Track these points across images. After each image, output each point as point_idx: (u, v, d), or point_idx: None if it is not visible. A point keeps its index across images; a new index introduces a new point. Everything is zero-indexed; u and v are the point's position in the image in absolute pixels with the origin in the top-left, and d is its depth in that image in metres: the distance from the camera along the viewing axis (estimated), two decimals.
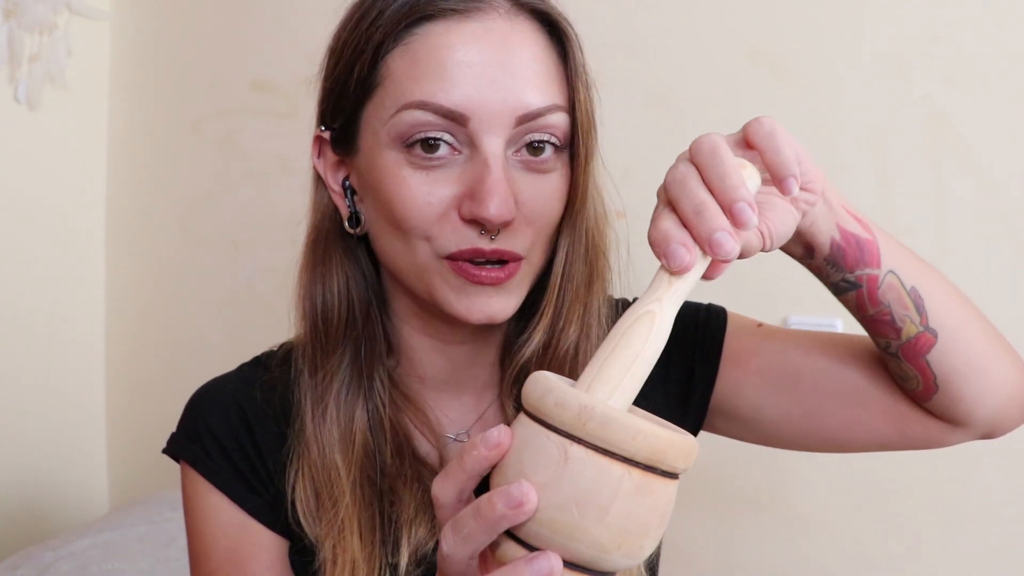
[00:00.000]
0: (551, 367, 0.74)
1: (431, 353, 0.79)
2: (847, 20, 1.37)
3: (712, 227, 0.49)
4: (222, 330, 1.81)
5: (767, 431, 0.81)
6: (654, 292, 0.51)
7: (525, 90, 0.67)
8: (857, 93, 1.37)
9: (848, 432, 0.77)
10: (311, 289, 0.77)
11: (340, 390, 0.75)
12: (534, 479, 0.47)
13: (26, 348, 1.72)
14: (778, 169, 0.54)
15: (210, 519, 0.76)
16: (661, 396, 0.79)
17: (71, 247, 1.82)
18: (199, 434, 0.77)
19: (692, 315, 0.83)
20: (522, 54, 0.68)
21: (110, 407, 1.91)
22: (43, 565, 1.34)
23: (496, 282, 0.69)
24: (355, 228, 0.75)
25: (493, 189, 0.65)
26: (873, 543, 1.38)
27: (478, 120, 0.66)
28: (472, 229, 0.68)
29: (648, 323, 0.50)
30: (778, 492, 1.41)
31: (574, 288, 0.74)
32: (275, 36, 1.74)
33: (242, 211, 1.79)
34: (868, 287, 0.67)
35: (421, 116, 0.66)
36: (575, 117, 0.70)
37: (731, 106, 1.43)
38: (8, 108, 1.66)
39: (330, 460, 0.74)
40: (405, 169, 0.68)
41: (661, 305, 0.51)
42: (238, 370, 0.82)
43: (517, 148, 0.69)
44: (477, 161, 0.67)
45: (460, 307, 0.69)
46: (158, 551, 1.41)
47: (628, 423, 0.46)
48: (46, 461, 1.77)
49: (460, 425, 0.80)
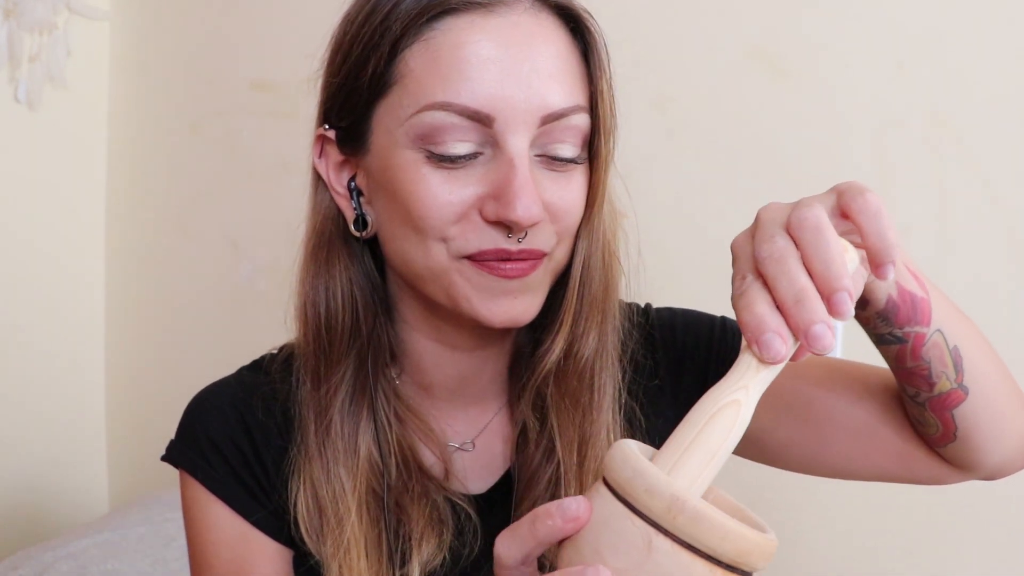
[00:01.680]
0: (571, 378, 0.73)
1: (438, 360, 0.76)
2: (847, 20, 1.37)
3: (812, 319, 0.46)
4: (222, 330, 1.81)
5: (771, 454, 0.79)
6: (740, 378, 0.48)
7: (550, 89, 0.65)
8: (857, 93, 1.37)
9: (853, 464, 0.76)
10: (314, 296, 0.73)
11: (344, 402, 0.72)
12: (612, 563, 0.45)
13: (26, 348, 1.72)
14: (880, 256, 0.50)
15: (212, 529, 0.74)
16: (672, 408, 0.78)
17: (71, 246, 1.82)
18: (199, 442, 0.75)
19: (707, 327, 0.81)
20: (547, 51, 0.65)
21: (110, 407, 1.91)
22: (43, 565, 1.34)
23: (523, 274, 0.66)
24: (361, 231, 0.71)
25: (521, 191, 0.63)
26: (872, 544, 1.38)
27: (503, 120, 0.64)
28: (497, 231, 0.65)
29: (732, 414, 0.47)
30: (779, 491, 1.41)
31: (592, 292, 0.72)
32: (275, 36, 1.74)
33: (242, 211, 1.79)
34: (914, 344, 0.64)
35: (444, 118, 0.64)
36: (596, 117, 0.68)
37: (731, 106, 1.43)
38: (8, 108, 1.66)
39: (334, 475, 0.71)
40: (424, 168, 0.65)
41: (747, 394, 0.48)
42: (237, 375, 0.80)
43: (539, 148, 0.66)
44: (501, 161, 0.65)
45: (483, 309, 0.67)
46: (158, 551, 1.41)
47: (719, 522, 0.45)
48: (46, 461, 1.77)
49: (464, 435, 0.78)
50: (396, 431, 0.74)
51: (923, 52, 1.34)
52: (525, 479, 0.74)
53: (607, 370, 0.74)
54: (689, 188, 1.46)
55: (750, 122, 1.42)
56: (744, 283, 0.49)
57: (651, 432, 0.76)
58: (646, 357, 0.79)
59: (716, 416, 0.48)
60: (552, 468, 0.73)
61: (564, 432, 0.73)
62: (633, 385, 0.76)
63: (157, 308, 1.87)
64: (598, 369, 0.73)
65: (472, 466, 0.77)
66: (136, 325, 1.88)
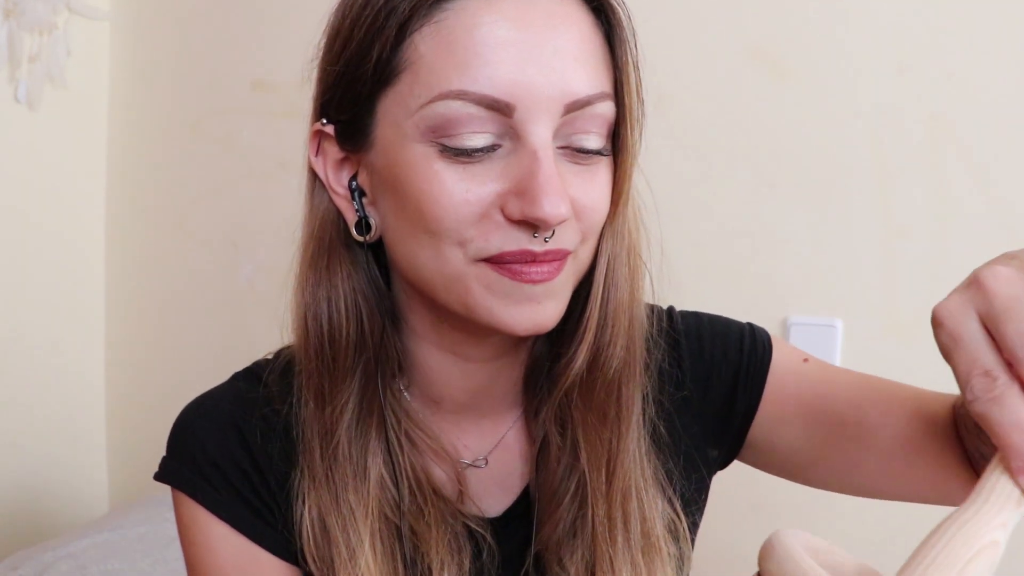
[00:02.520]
0: (597, 390, 0.67)
1: (449, 372, 0.70)
2: (847, 20, 1.37)
3: None
4: (222, 330, 1.81)
5: (798, 471, 0.75)
6: (998, 514, 0.40)
7: (574, 74, 0.59)
8: (857, 93, 1.37)
9: (883, 487, 0.71)
10: (315, 307, 0.67)
11: (351, 423, 0.67)
12: None
13: (26, 348, 1.72)
14: None
15: (216, 552, 0.68)
16: (697, 425, 0.74)
17: (71, 247, 1.82)
18: (194, 459, 0.69)
19: (736, 336, 0.76)
20: (569, 34, 0.59)
21: (110, 407, 1.91)
22: (43, 565, 1.34)
23: (549, 277, 0.60)
24: (364, 235, 0.65)
25: (547, 185, 0.57)
26: (874, 542, 1.38)
27: (524, 108, 0.58)
28: (522, 230, 0.59)
29: (990, 558, 0.40)
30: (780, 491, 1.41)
31: (618, 296, 0.66)
32: (275, 36, 1.74)
33: (242, 211, 1.78)
34: None
35: (460, 108, 0.58)
36: (621, 105, 0.63)
37: (731, 106, 1.43)
38: (8, 108, 1.65)
39: (343, 501, 0.65)
40: (437, 163, 0.59)
41: (1006, 531, 0.40)
42: (231, 385, 0.73)
43: (563, 139, 0.61)
44: (523, 154, 0.59)
45: (505, 316, 0.61)
46: (158, 551, 1.41)
47: None
48: (46, 461, 1.77)
49: (477, 450, 0.72)
50: (407, 449, 0.68)
51: (923, 53, 1.34)
52: (547, 498, 0.70)
53: (634, 380, 0.69)
54: (689, 188, 1.46)
55: (750, 122, 1.42)
56: (995, 385, 0.40)
57: (675, 450, 0.73)
58: (672, 367, 0.74)
59: (973, 562, 0.40)
60: (577, 486, 0.68)
61: (590, 448, 0.68)
62: (659, 397, 0.72)
63: (157, 308, 1.87)
64: (625, 380, 0.68)
65: (486, 484, 0.72)
66: (136, 325, 1.88)
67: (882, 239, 1.37)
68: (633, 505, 0.68)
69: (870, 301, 1.39)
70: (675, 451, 0.73)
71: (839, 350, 1.40)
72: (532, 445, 0.72)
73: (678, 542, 0.71)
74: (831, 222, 1.39)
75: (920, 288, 1.36)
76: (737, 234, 1.45)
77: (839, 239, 1.39)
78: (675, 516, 0.71)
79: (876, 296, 1.39)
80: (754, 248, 1.44)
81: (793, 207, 1.41)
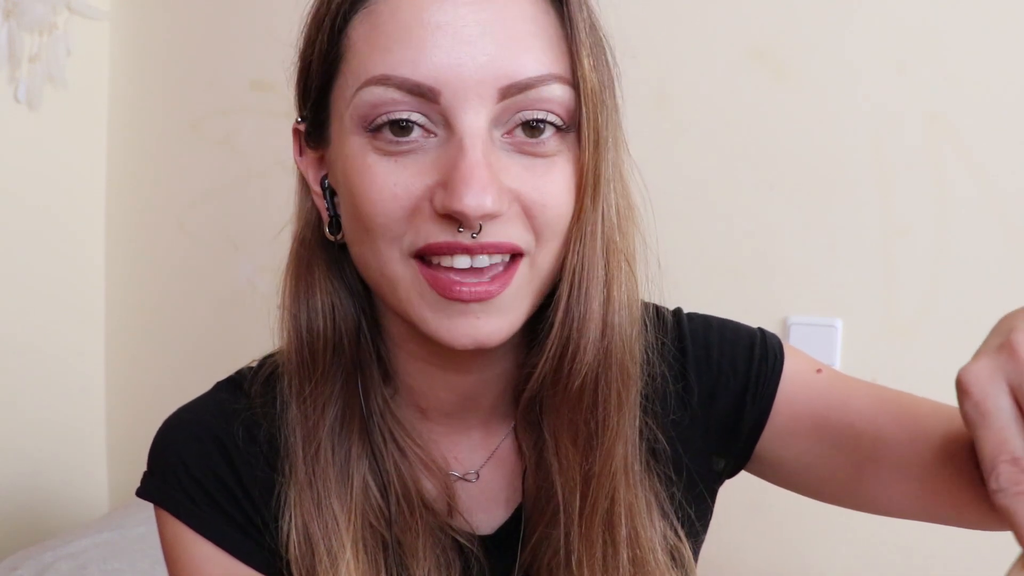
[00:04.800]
0: (560, 407, 0.63)
1: (430, 382, 0.66)
2: (847, 20, 1.37)
3: None
4: (222, 330, 1.81)
5: (808, 486, 0.71)
6: None
7: (512, 55, 0.55)
8: (857, 93, 1.37)
9: (896, 505, 0.66)
10: (294, 309, 0.65)
11: (333, 426, 0.64)
12: None
13: (26, 347, 1.72)
14: None
15: (201, 570, 0.66)
16: (702, 440, 0.70)
17: (71, 247, 1.82)
18: (176, 475, 0.66)
19: (747, 344, 0.70)
20: (509, 12, 0.56)
21: (110, 407, 1.91)
22: (43, 565, 1.34)
23: (482, 298, 0.56)
24: (336, 235, 0.63)
25: (469, 176, 0.53)
26: (873, 543, 1.38)
27: (452, 94, 0.54)
28: (449, 225, 0.55)
29: None
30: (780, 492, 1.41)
31: (587, 303, 0.60)
32: (275, 36, 1.73)
33: (242, 211, 1.78)
34: None
35: (383, 93, 0.55)
36: (579, 91, 0.58)
37: (731, 106, 1.43)
38: (8, 108, 1.65)
39: (326, 507, 0.63)
40: (371, 157, 0.56)
41: None
42: (213, 396, 0.70)
43: (509, 128, 0.57)
44: (452, 143, 0.55)
45: (441, 330, 0.57)
46: (158, 551, 1.39)
47: None
48: (46, 461, 1.77)
49: (468, 463, 0.69)
50: (394, 458, 0.66)
51: (923, 52, 1.34)
52: (532, 519, 0.66)
53: (616, 395, 0.63)
54: (688, 188, 1.46)
55: (750, 122, 1.42)
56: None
57: (677, 467, 0.68)
58: (676, 378, 0.69)
59: None
60: (555, 510, 0.64)
61: (562, 470, 0.64)
62: (660, 409, 0.67)
63: (157, 308, 1.87)
64: (603, 395, 0.62)
65: (477, 499, 0.69)
66: (136, 325, 1.88)
67: (882, 239, 1.37)
68: (622, 532, 0.63)
69: (870, 301, 1.39)
70: (677, 468, 0.68)
71: (839, 350, 1.40)
72: (523, 461, 0.69)
73: (682, 567, 0.67)
74: (831, 222, 1.39)
75: (920, 288, 1.36)
76: (737, 234, 1.45)
77: (839, 239, 1.39)
78: (678, 540, 0.67)
79: (876, 296, 1.39)
80: (754, 248, 1.44)
81: (793, 207, 1.41)
